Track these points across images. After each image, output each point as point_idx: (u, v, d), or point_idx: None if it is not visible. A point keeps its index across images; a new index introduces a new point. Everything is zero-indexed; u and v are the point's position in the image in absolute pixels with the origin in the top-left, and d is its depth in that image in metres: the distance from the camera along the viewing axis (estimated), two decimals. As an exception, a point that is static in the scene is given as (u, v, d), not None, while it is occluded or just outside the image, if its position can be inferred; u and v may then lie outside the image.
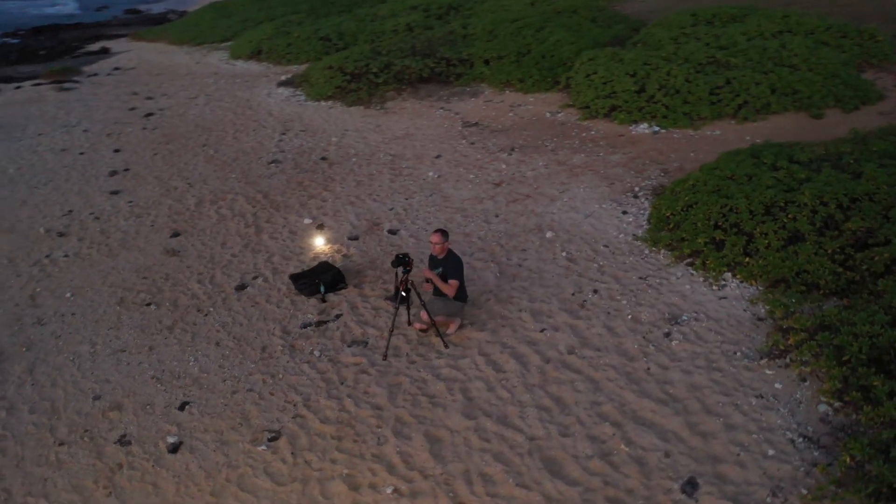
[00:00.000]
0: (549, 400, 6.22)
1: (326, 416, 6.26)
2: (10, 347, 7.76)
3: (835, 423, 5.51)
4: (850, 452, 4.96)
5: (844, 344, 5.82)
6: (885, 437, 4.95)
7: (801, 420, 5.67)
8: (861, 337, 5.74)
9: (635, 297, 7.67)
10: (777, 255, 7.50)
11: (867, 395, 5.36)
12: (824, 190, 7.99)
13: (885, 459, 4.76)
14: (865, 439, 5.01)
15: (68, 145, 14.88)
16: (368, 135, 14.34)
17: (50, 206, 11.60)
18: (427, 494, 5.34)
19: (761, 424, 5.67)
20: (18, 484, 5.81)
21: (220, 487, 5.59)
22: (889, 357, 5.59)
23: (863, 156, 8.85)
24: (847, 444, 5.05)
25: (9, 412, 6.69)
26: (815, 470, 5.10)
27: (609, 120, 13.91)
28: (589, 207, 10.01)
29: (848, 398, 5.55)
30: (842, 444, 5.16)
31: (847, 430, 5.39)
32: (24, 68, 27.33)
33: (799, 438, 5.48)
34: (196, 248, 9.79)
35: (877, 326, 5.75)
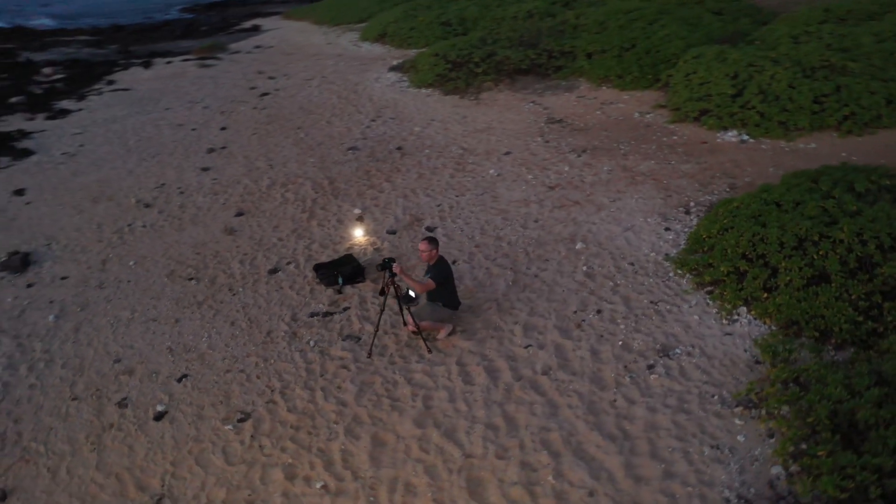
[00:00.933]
0: (502, 420, 6.24)
1: (295, 406, 6.67)
2: (70, 306, 8.86)
3: (778, 489, 5.13)
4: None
5: (812, 403, 5.36)
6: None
7: (747, 479, 5.32)
8: (825, 400, 5.26)
9: (636, 323, 7.40)
10: (795, 295, 6.93)
11: (811, 466, 4.94)
12: (867, 227, 7.24)
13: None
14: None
15: (185, 121, 16.33)
16: (451, 126, 14.54)
17: (149, 177, 12.87)
18: (349, 495, 5.61)
19: (703, 477, 5.39)
20: (29, 429, 6.74)
21: (181, 459, 6.17)
22: (850, 427, 5.09)
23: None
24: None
25: (46, 364, 7.70)
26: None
27: (697, 124, 13.19)
28: (632, 220, 9.66)
29: (800, 465, 5.14)
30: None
31: (787, 500, 5.01)
32: (184, 43, 29.98)
33: (736, 499, 5.17)
34: (252, 228, 10.54)
35: (841, 390, 5.23)
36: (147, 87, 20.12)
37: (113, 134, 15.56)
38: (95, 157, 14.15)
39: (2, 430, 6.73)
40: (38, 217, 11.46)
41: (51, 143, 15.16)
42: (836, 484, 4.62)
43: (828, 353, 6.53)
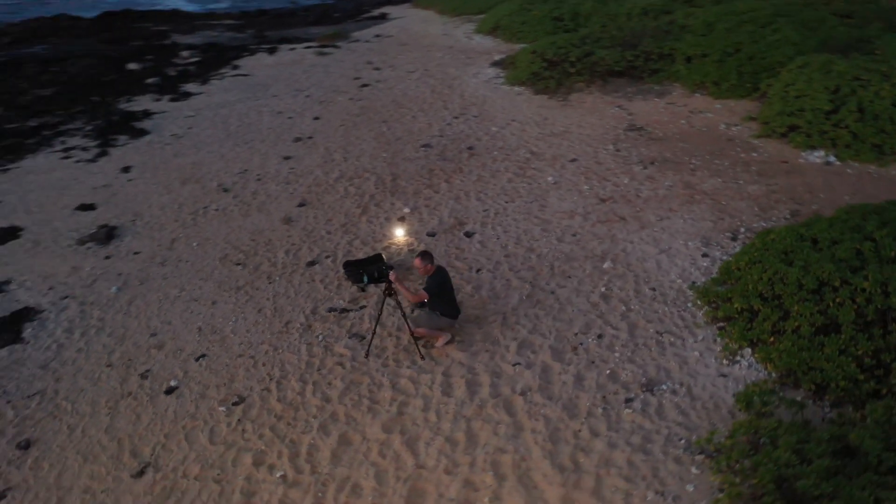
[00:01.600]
0: (464, 435, 6.40)
1: (285, 396, 7.17)
2: (133, 280, 9.88)
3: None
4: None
5: (758, 464, 5.12)
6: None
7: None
8: (771, 463, 5.00)
9: (632, 353, 7.26)
10: (799, 343, 6.53)
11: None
12: (895, 277, 6.65)
13: None
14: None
15: (285, 109, 17.35)
16: (528, 127, 14.53)
17: (236, 163, 13.89)
18: (301, 488, 6.02)
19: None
20: (65, 388, 7.69)
21: (174, 432, 6.84)
22: (794, 496, 4.82)
23: None
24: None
25: (96, 332, 8.69)
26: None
27: (783, 141, 12.43)
28: (672, 242, 9.35)
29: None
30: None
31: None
32: (314, 30, 31.45)
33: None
34: (307, 219, 11.18)
35: (790, 454, 4.95)
36: (265, 73, 21.45)
37: (219, 118, 16.83)
38: (198, 139, 15.41)
39: (44, 386, 7.72)
40: (134, 194, 12.73)
41: (165, 125, 16.65)
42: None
43: (822, 409, 6.13)
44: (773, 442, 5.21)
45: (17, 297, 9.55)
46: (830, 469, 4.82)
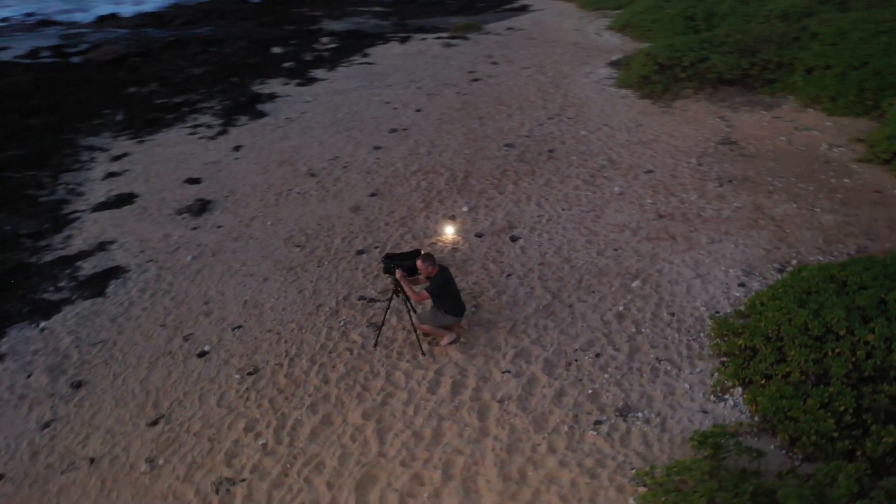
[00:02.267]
0: (431, 432, 6.77)
1: (292, 373, 7.87)
2: (207, 251, 11.02)
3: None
4: None
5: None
6: None
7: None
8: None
9: (622, 376, 7.26)
10: (783, 389, 6.27)
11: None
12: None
13: None
14: None
15: (394, 99, 18.16)
16: (618, 134, 14.32)
17: (331, 149, 14.85)
18: (275, 457, 6.67)
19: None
20: (122, 341, 8.86)
21: (192, 392, 7.75)
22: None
23: None
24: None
25: (163, 294, 9.87)
26: None
27: (886, 168, 11.50)
28: (713, 268, 9.06)
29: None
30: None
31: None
32: (453, 19, 32.12)
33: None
34: (373, 210, 11.85)
35: (704, 502, 4.88)
36: (389, 62, 22.42)
37: (331, 105, 17.94)
38: (306, 124, 16.58)
39: (107, 337, 8.95)
40: (236, 172, 14.04)
41: (283, 108, 18.02)
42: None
43: (792, 461, 5.90)
44: (690, 489, 5.14)
45: (113, 257, 10.99)
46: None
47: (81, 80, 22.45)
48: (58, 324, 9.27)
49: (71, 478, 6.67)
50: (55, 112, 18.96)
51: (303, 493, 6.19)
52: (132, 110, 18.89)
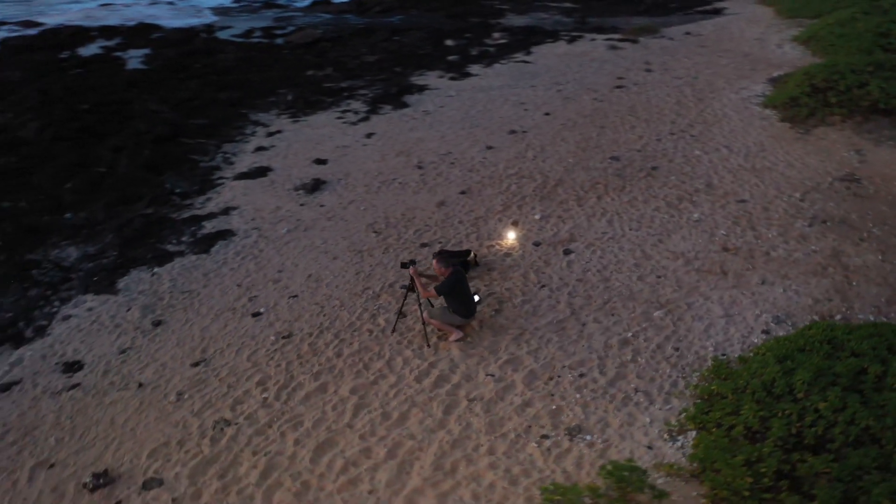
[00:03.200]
0: (399, 415, 7.54)
1: (315, 343, 8.99)
2: (302, 226, 12.48)
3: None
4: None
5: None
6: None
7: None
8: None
9: (591, 399, 7.53)
10: (720, 442, 6.27)
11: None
12: (859, 409, 5.88)
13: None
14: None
15: (529, 100, 18.66)
16: (733, 157, 13.82)
17: (448, 145, 15.80)
18: (268, 410, 7.82)
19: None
20: (204, 293, 10.53)
21: (234, 344, 9.13)
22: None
23: None
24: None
25: (251, 259, 11.44)
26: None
27: None
28: (746, 311, 8.83)
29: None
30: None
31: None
32: (637, 20, 31.45)
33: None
34: (455, 206, 12.65)
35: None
36: (546, 63, 22.83)
37: (470, 101, 18.85)
38: (438, 118, 17.66)
39: (195, 288, 10.69)
40: (358, 157, 15.48)
41: (426, 101, 19.24)
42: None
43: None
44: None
45: (230, 221, 12.86)
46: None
47: (274, 61, 25.30)
48: (165, 271, 11.20)
49: (121, 395, 8.33)
50: (242, 88, 21.75)
51: (275, 443, 7.27)
52: (302, 92, 21.12)
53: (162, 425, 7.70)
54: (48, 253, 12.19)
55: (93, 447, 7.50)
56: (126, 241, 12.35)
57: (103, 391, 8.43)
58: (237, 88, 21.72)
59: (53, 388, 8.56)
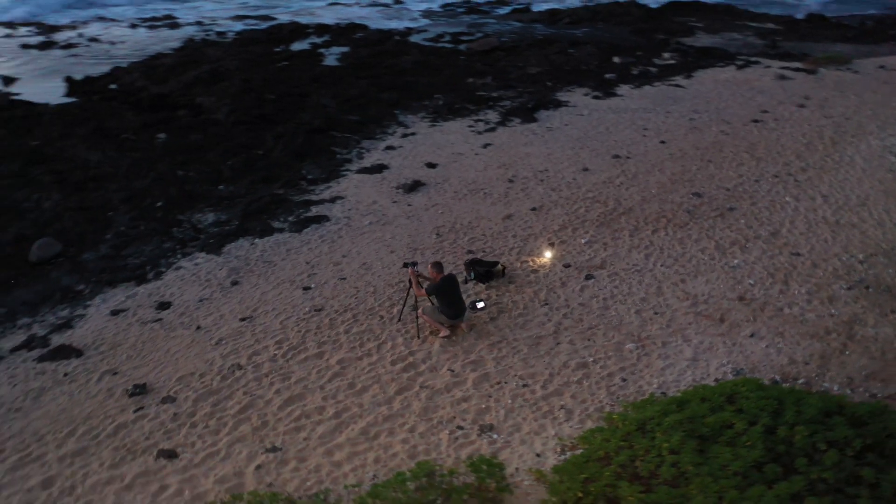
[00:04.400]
0: (361, 386, 9.04)
1: (335, 319, 10.68)
2: (381, 220, 14.30)
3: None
4: None
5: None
6: None
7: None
8: None
9: (518, 406, 8.50)
10: (579, 459, 7.07)
11: None
12: (688, 453, 6.40)
13: None
14: None
15: (653, 127, 18.87)
16: (824, 209, 13.41)
17: (549, 162, 16.70)
18: (273, 364, 9.68)
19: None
20: (279, 265, 12.69)
21: (276, 309, 11.13)
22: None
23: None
24: None
25: (326, 242, 13.48)
26: None
27: None
28: (716, 358, 9.16)
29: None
30: None
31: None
32: (839, 47, 29.36)
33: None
34: (519, 221, 13.69)
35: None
36: (697, 88, 22.56)
37: (595, 122, 19.47)
38: (555, 136, 18.58)
39: (274, 259, 12.94)
40: (464, 165, 16.93)
41: (555, 117, 20.15)
42: None
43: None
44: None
45: (331, 209, 15.04)
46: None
47: (446, 66, 27.35)
48: (262, 243, 13.61)
49: (182, 333, 10.73)
50: (405, 90, 24.08)
51: (262, 389, 9.15)
52: (454, 98, 22.96)
53: (196, 360, 9.92)
54: (192, 216, 15.20)
55: (146, 366, 9.91)
56: (248, 213, 15.01)
57: (173, 327, 10.89)
58: (401, 90, 24.02)
59: (143, 319, 11.20)
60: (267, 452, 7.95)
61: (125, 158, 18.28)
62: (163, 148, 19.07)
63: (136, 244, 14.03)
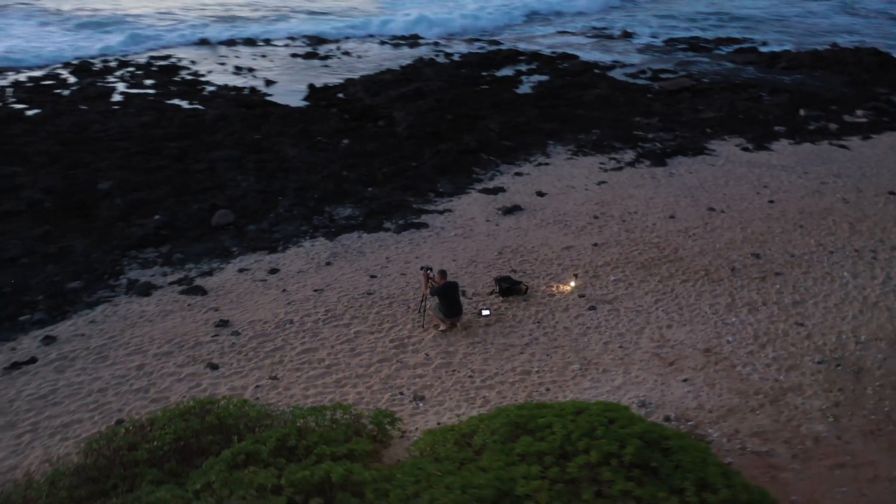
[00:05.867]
0: (357, 352, 11.94)
1: (374, 302, 13.60)
2: (463, 233, 16.92)
3: None
4: None
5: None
6: None
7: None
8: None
9: (451, 390, 10.82)
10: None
11: None
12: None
13: None
14: None
15: (777, 185, 18.96)
16: (868, 289, 13.51)
17: (644, 205, 17.91)
18: (313, 327, 12.98)
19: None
20: (366, 255, 15.98)
21: (339, 287, 14.41)
22: None
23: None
24: None
25: (413, 245, 16.46)
26: None
27: None
28: (633, 389, 10.63)
29: None
30: None
31: None
32: None
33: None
34: (573, 252, 15.51)
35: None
36: (862, 152, 21.64)
37: (721, 174, 19.90)
38: (672, 182, 19.47)
39: (365, 250, 16.24)
40: (567, 197, 18.76)
41: (684, 165, 20.85)
42: None
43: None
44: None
45: (435, 219, 17.91)
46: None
47: (623, 102, 28.64)
48: (367, 237, 16.94)
49: (271, 292, 14.40)
50: (567, 122, 26.14)
51: (294, 339, 12.42)
52: (608, 134, 24.55)
53: (268, 312, 13.53)
54: (334, 209, 19.11)
55: (237, 310, 13.73)
56: (372, 212, 18.53)
57: (269, 287, 14.66)
58: (564, 122, 26.10)
59: (255, 278, 15.13)
60: (269, 380, 11.21)
61: (313, 156, 22.91)
62: (343, 151, 23.43)
63: (284, 224, 18.19)
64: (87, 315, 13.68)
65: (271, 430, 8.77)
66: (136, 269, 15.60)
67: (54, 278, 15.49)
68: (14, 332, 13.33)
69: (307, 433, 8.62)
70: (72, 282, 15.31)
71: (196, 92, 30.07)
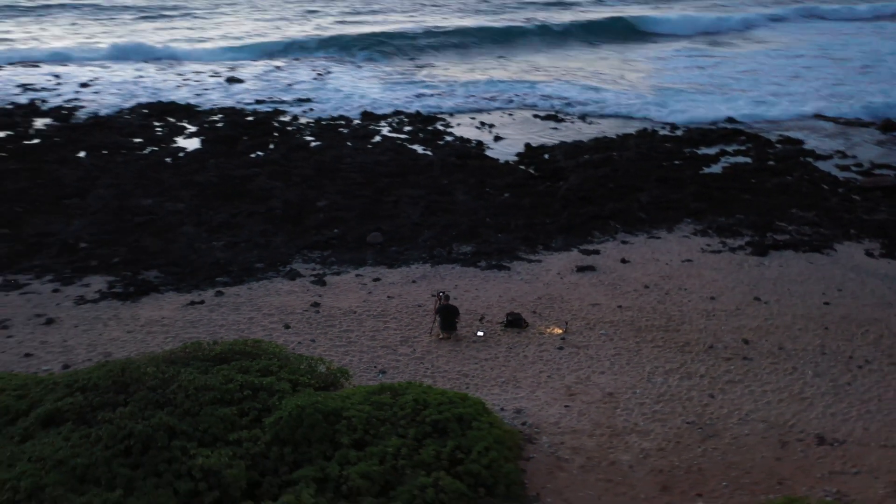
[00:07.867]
0: (377, 339, 17.05)
1: (413, 319, 18.58)
2: (528, 280, 20.82)
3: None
4: None
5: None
6: None
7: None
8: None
9: (410, 371, 15.43)
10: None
11: None
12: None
13: None
14: None
15: (853, 291, 18.82)
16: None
17: (696, 285, 19.99)
18: (370, 319, 18.35)
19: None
20: (456, 282, 20.86)
21: (401, 298, 19.55)
22: None
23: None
24: None
25: (479, 281, 20.89)
26: None
27: None
28: (551, 409, 14.21)
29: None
30: None
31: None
32: None
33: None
34: (596, 309, 18.66)
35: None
36: None
37: (809, 270, 20.18)
38: (749, 271, 20.36)
39: (447, 277, 21.13)
40: (644, 268, 21.29)
41: (786, 258, 21.48)
42: None
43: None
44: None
45: (519, 265, 21.97)
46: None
47: (799, 193, 28.61)
48: (458, 268, 21.75)
49: (359, 288, 20.08)
50: (718, 204, 27.57)
51: (352, 324, 17.92)
52: (744, 220, 25.62)
53: (347, 303, 19.18)
54: (459, 246, 24.11)
55: (333, 299, 19.64)
56: (480, 252, 23.21)
57: (365, 288, 20.31)
58: (716, 203, 27.60)
59: (361, 282, 20.91)
60: (310, 341, 16.82)
61: (474, 203, 28.21)
62: (499, 202, 28.35)
63: (414, 250, 23.79)
64: (252, 284, 20.57)
65: (271, 359, 14.26)
66: (299, 262, 22.30)
67: (251, 259, 22.93)
68: (207, 286, 20.73)
69: (285, 364, 13.93)
70: (258, 263, 22.57)
71: (434, 140, 35.90)
